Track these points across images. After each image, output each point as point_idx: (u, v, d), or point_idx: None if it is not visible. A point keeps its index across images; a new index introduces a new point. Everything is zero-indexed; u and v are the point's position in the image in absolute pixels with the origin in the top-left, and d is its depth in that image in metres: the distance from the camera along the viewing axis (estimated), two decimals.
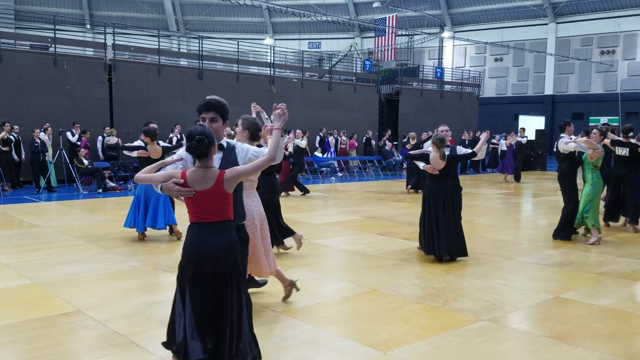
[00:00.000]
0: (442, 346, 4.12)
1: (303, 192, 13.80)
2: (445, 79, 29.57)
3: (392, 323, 4.60)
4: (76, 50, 18.78)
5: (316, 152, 19.83)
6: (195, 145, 3.14)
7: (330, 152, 20.60)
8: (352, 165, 21.18)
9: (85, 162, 14.63)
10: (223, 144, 3.57)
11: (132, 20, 36.22)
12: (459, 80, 29.90)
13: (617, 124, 29.23)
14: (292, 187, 13.89)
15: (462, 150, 7.21)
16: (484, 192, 15.21)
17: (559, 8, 34.34)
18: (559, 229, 8.22)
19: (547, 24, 34.97)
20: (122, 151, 8.12)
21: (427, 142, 13.79)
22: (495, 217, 10.77)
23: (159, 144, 7.86)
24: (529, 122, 28.00)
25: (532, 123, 28.24)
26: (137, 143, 7.89)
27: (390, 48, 34.61)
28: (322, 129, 20.83)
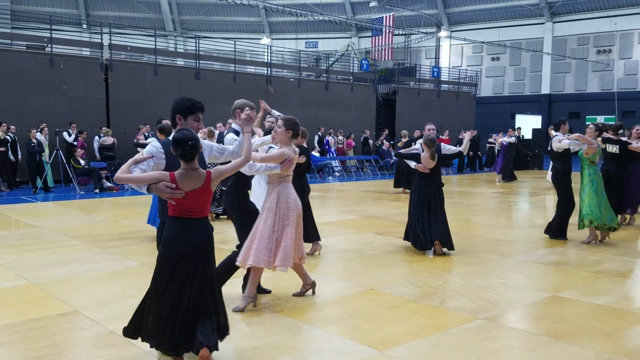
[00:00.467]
0: (439, 345, 4.13)
1: None
2: (442, 79, 29.61)
3: (389, 322, 4.60)
4: (73, 50, 18.75)
5: (313, 152, 19.82)
6: (190, 150, 3.37)
7: (331, 152, 20.61)
8: (350, 165, 21.19)
9: (82, 162, 14.60)
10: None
11: (129, 20, 36.15)
12: (456, 79, 29.93)
13: (613, 123, 29.28)
14: None
15: (446, 148, 7.49)
16: (480, 191, 15.22)
17: (555, 7, 34.41)
18: (552, 226, 8.18)
19: (543, 23, 35.04)
20: (137, 148, 8.09)
21: (418, 141, 13.96)
22: (491, 216, 10.79)
23: None
24: (525, 121, 28.05)
25: (529, 122, 28.29)
26: (151, 140, 7.93)
27: (387, 47, 34.63)
28: (321, 128, 20.84)
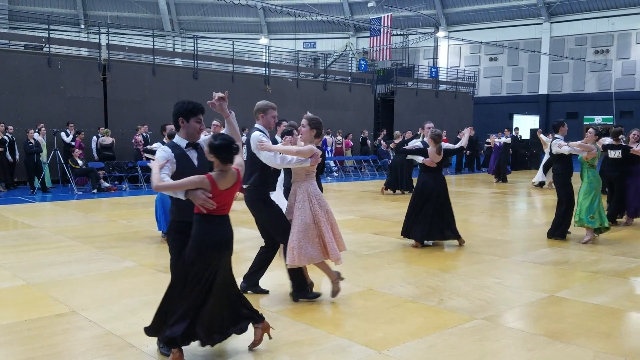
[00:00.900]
0: (437, 345, 4.13)
1: None
2: (440, 79, 29.62)
3: (387, 322, 4.61)
4: (70, 50, 18.73)
5: None
6: (234, 153, 3.61)
7: (328, 152, 20.60)
8: (348, 165, 21.18)
9: (80, 162, 14.58)
10: (200, 144, 3.92)
11: (127, 20, 36.13)
12: (454, 79, 29.95)
13: (611, 123, 29.35)
14: None
15: (445, 146, 7.82)
16: (478, 191, 15.23)
17: (553, 7, 34.45)
18: (554, 228, 8.27)
19: (541, 23, 35.08)
20: (145, 154, 8.12)
21: (412, 140, 14.29)
22: (489, 216, 10.80)
23: None
24: (523, 122, 28.10)
25: (526, 122, 28.34)
26: (156, 146, 7.96)
27: (385, 48, 34.63)
28: None
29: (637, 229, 9.28)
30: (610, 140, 9.64)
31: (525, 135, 24.90)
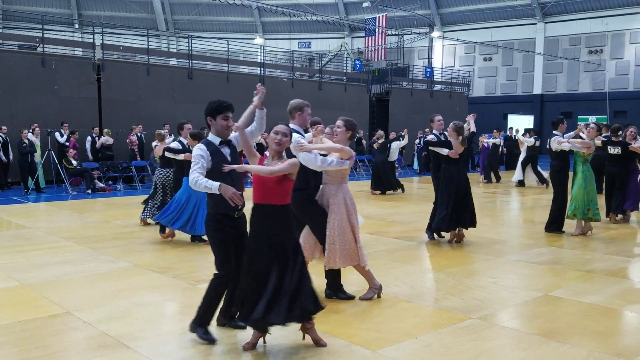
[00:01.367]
0: (432, 344, 4.14)
1: None
2: (435, 79, 29.66)
3: (382, 322, 4.61)
4: (64, 50, 18.63)
5: None
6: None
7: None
8: None
9: (74, 162, 14.53)
10: (232, 141, 4.08)
11: (121, 20, 36.00)
12: (449, 79, 30.00)
13: (605, 122, 29.44)
14: None
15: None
16: (473, 190, 15.21)
17: (547, 8, 34.56)
18: (550, 222, 8.52)
19: (535, 23, 35.17)
20: (166, 152, 8.17)
21: (395, 142, 14.49)
22: (484, 216, 10.81)
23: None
24: (518, 122, 28.18)
25: (521, 122, 28.43)
26: (175, 145, 8.04)
27: (380, 48, 34.66)
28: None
29: (630, 228, 9.33)
30: (607, 134, 9.84)
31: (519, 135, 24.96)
